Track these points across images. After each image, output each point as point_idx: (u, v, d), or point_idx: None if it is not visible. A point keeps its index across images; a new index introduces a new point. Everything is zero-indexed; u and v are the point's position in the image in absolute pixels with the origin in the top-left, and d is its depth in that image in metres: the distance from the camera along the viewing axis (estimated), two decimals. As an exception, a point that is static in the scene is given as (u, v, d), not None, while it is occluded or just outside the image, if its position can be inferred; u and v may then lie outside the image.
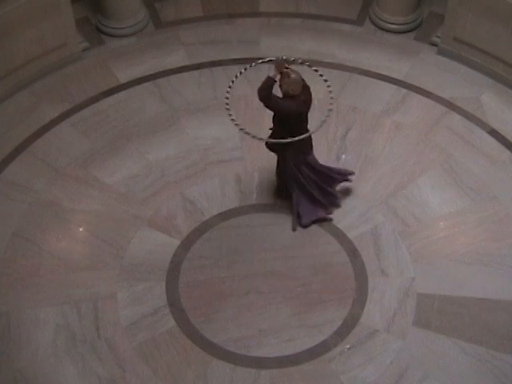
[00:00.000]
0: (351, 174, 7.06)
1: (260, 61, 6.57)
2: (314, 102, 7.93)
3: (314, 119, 7.83)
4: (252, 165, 7.32)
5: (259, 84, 8.18)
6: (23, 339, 6.23)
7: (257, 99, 8.08)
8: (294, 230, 6.92)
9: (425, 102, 8.04)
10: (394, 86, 8.20)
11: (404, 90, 8.15)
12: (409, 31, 8.84)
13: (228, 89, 6.45)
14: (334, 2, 9.19)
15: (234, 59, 8.47)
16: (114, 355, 6.16)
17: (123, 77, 8.30)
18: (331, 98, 6.55)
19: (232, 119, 6.33)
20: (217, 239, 6.92)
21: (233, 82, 6.48)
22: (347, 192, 7.23)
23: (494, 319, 6.37)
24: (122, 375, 6.06)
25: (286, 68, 6.34)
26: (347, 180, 7.04)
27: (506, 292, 6.53)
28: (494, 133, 7.72)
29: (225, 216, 7.05)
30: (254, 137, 6.35)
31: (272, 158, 7.48)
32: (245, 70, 6.50)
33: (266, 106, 6.42)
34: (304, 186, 6.77)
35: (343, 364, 6.12)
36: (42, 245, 6.85)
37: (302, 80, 6.41)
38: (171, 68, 8.41)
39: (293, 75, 6.33)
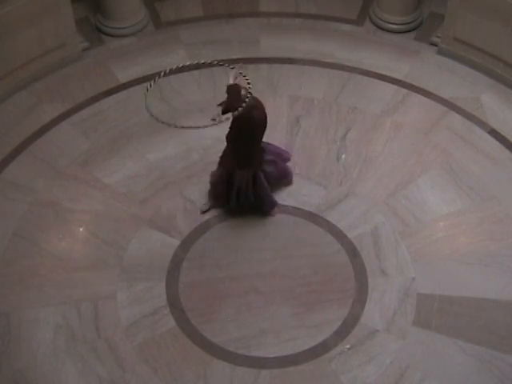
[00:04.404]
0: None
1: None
2: (314, 101, 8.01)
3: (313, 120, 7.88)
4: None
5: (259, 84, 8.23)
6: (23, 339, 6.23)
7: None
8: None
9: (425, 102, 8.04)
10: (394, 86, 8.20)
11: (404, 90, 8.15)
12: (409, 31, 8.84)
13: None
14: (334, 2, 9.19)
15: (234, 59, 8.46)
16: (114, 355, 6.16)
17: (123, 77, 8.30)
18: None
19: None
20: (217, 239, 6.92)
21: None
22: (347, 192, 7.24)
23: (494, 319, 6.37)
24: (121, 375, 6.06)
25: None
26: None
27: (506, 292, 6.53)
28: (493, 133, 7.72)
29: (225, 216, 7.05)
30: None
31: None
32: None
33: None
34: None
35: (343, 364, 6.12)
36: (42, 245, 6.85)
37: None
38: (171, 68, 8.39)
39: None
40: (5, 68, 7.91)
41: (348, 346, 6.21)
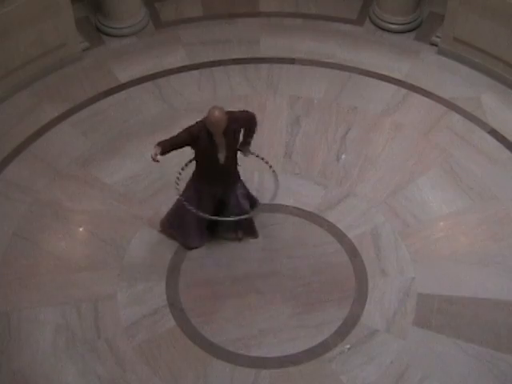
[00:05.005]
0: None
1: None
2: (314, 101, 8.00)
3: (313, 120, 7.87)
4: (252, 164, 7.32)
5: (259, 84, 8.24)
6: (23, 339, 6.23)
7: (257, 99, 8.14)
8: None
9: (425, 102, 8.04)
10: (394, 86, 8.20)
11: (404, 90, 8.15)
12: (409, 31, 8.84)
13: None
14: (334, 1, 9.19)
15: (234, 59, 8.47)
16: (113, 355, 6.16)
17: (123, 77, 8.30)
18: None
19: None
20: (217, 239, 6.90)
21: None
22: (347, 192, 7.24)
23: (494, 319, 6.37)
24: (121, 375, 6.06)
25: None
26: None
27: (506, 292, 6.53)
28: (493, 133, 7.72)
29: (225, 216, 7.05)
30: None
31: (273, 157, 7.49)
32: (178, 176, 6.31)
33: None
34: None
35: (343, 364, 6.12)
36: (42, 245, 6.85)
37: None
38: (171, 68, 8.41)
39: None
40: (5, 68, 7.90)
41: (348, 346, 6.21)
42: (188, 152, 6.26)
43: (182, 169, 6.40)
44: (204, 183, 6.38)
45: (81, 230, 7.02)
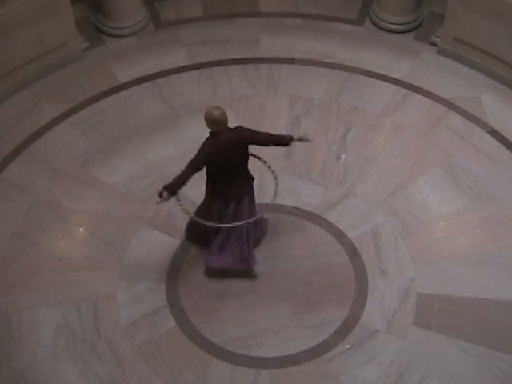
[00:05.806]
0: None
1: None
2: (314, 101, 8.00)
3: (313, 120, 7.87)
4: (252, 165, 7.33)
5: (259, 84, 8.24)
6: (23, 339, 6.23)
7: (257, 99, 8.14)
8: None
9: (425, 102, 8.04)
10: (394, 86, 8.20)
11: (404, 90, 8.15)
12: (409, 31, 8.84)
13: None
14: (334, 1, 9.19)
15: (234, 59, 8.48)
16: (114, 355, 6.16)
17: (123, 77, 8.31)
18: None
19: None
20: (217, 239, 6.92)
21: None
22: (347, 192, 7.24)
23: (494, 319, 6.37)
24: (122, 375, 6.06)
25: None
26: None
27: (506, 292, 6.52)
28: (493, 133, 7.72)
29: (225, 216, 7.05)
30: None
31: (273, 157, 7.49)
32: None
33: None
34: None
35: (343, 364, 6.12)
36: (42, 245, 6.85)
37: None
38: (171, 68, 8.41)
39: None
40: (5, 68, 7.91)
41: (348, 346, 6.21)
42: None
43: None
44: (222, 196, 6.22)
45: (81, 230, 7.02)
